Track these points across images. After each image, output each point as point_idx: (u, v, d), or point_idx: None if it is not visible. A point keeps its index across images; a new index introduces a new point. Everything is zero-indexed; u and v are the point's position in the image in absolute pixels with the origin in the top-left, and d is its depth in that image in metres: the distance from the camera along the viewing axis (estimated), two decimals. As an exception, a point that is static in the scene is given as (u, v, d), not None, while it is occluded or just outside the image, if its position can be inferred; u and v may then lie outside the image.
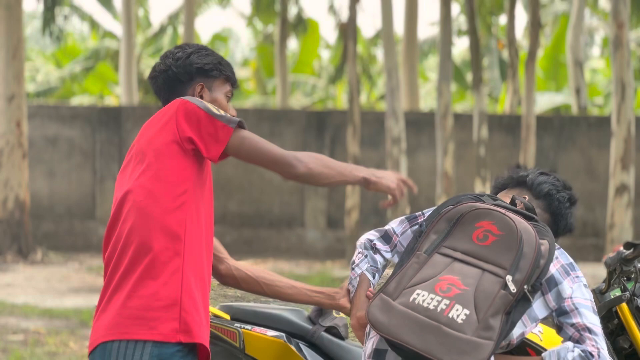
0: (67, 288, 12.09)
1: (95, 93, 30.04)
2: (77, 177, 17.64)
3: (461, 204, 2.96)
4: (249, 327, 3.56)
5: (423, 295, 2.79)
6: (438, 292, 2.78)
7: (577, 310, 2.90)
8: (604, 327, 3.50)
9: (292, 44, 31.79)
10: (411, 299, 2.80)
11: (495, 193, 3.27)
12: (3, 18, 14.89)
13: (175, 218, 2.84)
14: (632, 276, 3.51)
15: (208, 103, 2.90)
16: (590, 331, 2.86)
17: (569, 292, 2.91)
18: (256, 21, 27.86)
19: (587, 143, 17.78)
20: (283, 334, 3.53)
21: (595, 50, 35.12)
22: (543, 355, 2.89)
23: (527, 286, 2.79)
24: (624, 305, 3.47)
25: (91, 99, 29.68)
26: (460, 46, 49.01)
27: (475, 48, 16.83)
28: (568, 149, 17.71)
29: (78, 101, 28.96)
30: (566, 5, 25.74)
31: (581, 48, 22.16)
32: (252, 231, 17.30)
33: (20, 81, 14.98)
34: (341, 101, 31.40)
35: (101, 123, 17.65)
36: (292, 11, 24.01)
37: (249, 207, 17.64)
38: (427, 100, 32.89)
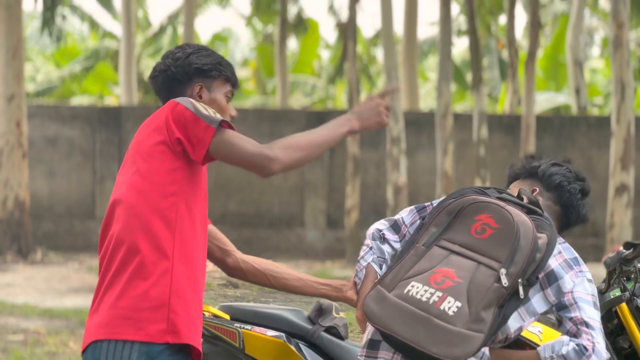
0: (67, 288, 12.08)
1: (95, 93, 30.03)
2: (77, 177, 17.64)
3: (463, 197, 2.95)
4: (249, 327, 3.56)
5: (417, 287, 2.79)
6: (432, 285, 2.78)
7: (577, 304, 2.87)
8: (604, 327, 3.50)
9: (292, 44, 31.78)
10: (405, 291, 2.80)
11: (508, 183, 3.26)
12: (3, 18, 14.88)
13: (165, 219, 2.84)
14: (632, 276, 3.51)
15: (198, 103, 2.88)
16: (587, 325, 2.84)
17: (570, 287, 2.90)
18: (256, 21, 27.86)
19: (587, 143, 17.78)
20: (283, 334, 3.53)
21: (595, 50, 35.12)
22: (538, 349, 2.88)
23: (522, 280, 2.78)
24: (624, 305, 3.46)
25: (91, 99, 29.67)
26: (460, 46, 48.98)
27: (475, 48, 16.83)
28: (568, 149, 17.71)
29: (78, 101, 28.96)
30: (566, 5, 25.74)
31: (581, 48, 22.16)
32: (252, 231, 17.30)
33: (20, 81, 14.98)
34: (341, 101, 31.39)
35: (101, 123, 17.65)
36: (292, 11, 24.00)
37: (249, 207, 17.64)
38: (427, 100, 32.88)
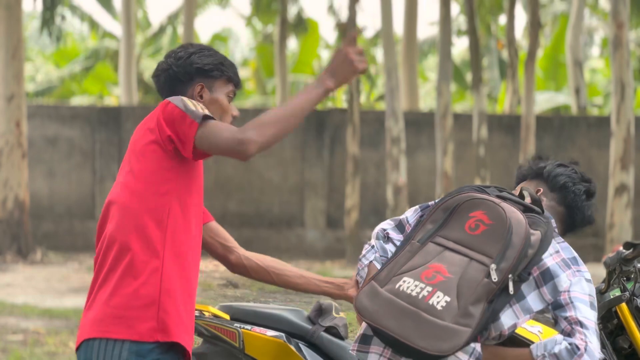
0: (67, 288, 12.07)
1: (94, 93, 30.03)
2: (77, 177, 17.64)
3: (460, 194, 2.96)
4: (249, 327, 3.56)
5: (408, 282, 2.81)
6: (423, 280, 2.79)
7: (572, 303, 2.87)
8: (604, 327, 3.50)
9: (292, 44, 31.77)
10: (397, 286, 2.81)
11: (515, 184, 3.27)
12: (3, 18, 14.88)
13: (156, 218, 2.85)
14: (632, 276, 3.51)
15: (189, 101, 2.88)
16: (581, 325, 2.83)
17: (566, 285, 2.90)
18: (256, 21, 27.85)
19: (587, 143, 17.78)
20: (283, 334, 3.53)
21: (594, 50, 35.13)
22: (531, 347, 2.87)
23: (513, 276, 2.78)
24: (624, 305, 3.46)
25: (90, 99, 29.67)
26: (459, 46, 49.01)
27: (474, 48, 16.83)
28: (567, 149, 17.71)
29: (78, 101, 28.95)
30: (566, 5, 25.74)
31: (581, 48, 22.16)
32: (252, 231, 17.30)
33: (19, 81, 14.97)
34: (340, 101, 31.41)
35: (101, 123, 17.65)
36: (292, 11, 24.00)
37: (249, 207, 17.64)
38: (427, 100, 32.87)
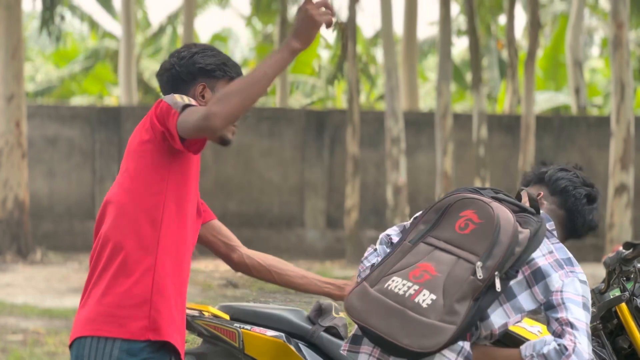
0: (67, 288, 12.07)
1: (94, 93, 30.03)
2: (77, 177, 17.64)
3: (452, 195, 2.99)
4: (249, 327, 3.56)
5: (397, 281, 2.83)
6: (411, 279, 2.82)
7: (564, 304, 2.86)
8: (604, 327, 3.50)
9: (292, 44, 31.71)
10: (385, 286, 2.84)
11: (520, 190, 3.27)
12: (3, 18, 14.88)
13: (149, 216, 2.86)
14: (632, 276, 3.51)
15: (179, 96, 2.88)
16: (572, 326, 2.82)
17: (558, 286, 2.89)
18: (256, 21, 27.85)
19: (587, 143, 17.78)
20: (282, 334, 3.53)
21: (594, 50, 35.11)
22: (520, 347, 2.88)
23: (500, 273, 2.79)
24: (623, 305, 3.46)
25: (90, 99, 29.66)
26: (459, 46, 48.99)
27: (474, 48, 16.83)
28: (567, 149, 17.71)
29: (77, 101, 28.95)
30: (565, 5, 25.74)
31: (580, 48, 22.16)
32: (252, 231, 17.29)
33: (19, 81, 14.97)
34: (340, 101, 31.40)
35: (101, 123, 17.64)
36: (292, 11, 24.00)
37: (249, 207, 17.64)
38: (427, 100, 32.86)
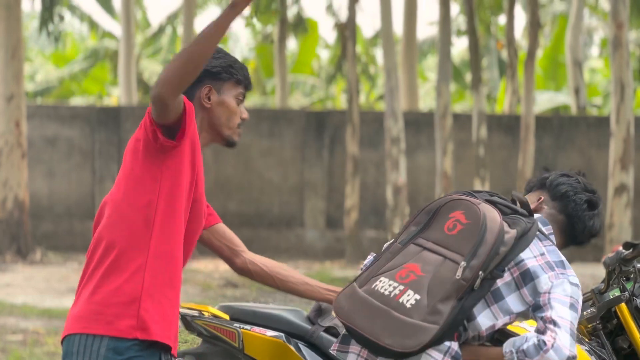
0: (67, 288, 12.06)
1: (94, 93, 30.02)
2: (77, 177, 17.63)
3: (444, 197, 3.01)
4: (248, 327, 3.56)
5: (384, 282, 2.86)
6: (397, 279, 2.84)
7: (550, 304, 2.85)
8: (603, 327, 3.50)
9: (291, 44, 31.77)
10: (373, 286, 2.86)
11: (523, 195, 3.27)
12: (2, 18, 14.87)
13: (142, 215, 2.87)
14: (631, 276, 3.52)
15: None
16: (554, 323, 2.81)
17: (547, 287, 2.88)
18: (255, 21, 27.84)
19: (586, 143, 17.78)
20: (282, 334, 3.53)
21: (594, 50, 35.12)
22: (504, 344, 2.88)
23: (485, 273, 2.79)
24: (623, 305, 3.46)
25: (90, 99, 29.65)
26: (459, 46, 49.01)
27: (474, 48, 16.83)
28: (567, 149, 17.71)
29: (77, 101, 28.95)
30: (565, 5, 25.74)
31: (580, 48, 22.15)
32: (252, 231, 17.29)
33: (19, 81, 14.97)
34: (340, 101, 31.40)
35: (100, 123, 17.64)
36: (292, 11, 23.99)
37: (249, 207, 17.64)
38: (426, 100, 32.86)
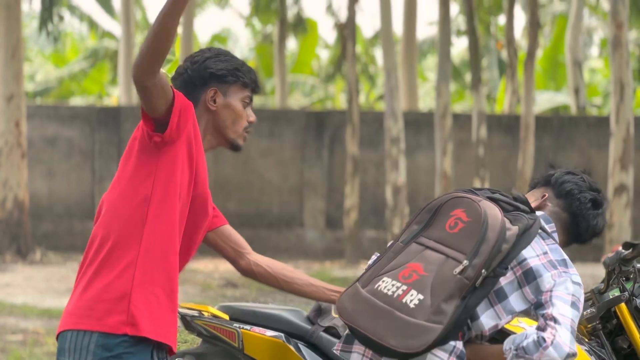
0: (66, 288, 12.06)
1: (94, 93, 30.02)
2: (76, 177, 17.63)
3: (445, 195, 3.00)
4: (248, 327, 3.56)
5: (386, 282, 2.84)
6: (400, 279, 2.82)
7: (551, 301, 2.85)
8: (603, 327, 3.50)
9: (291, 44, 31.77)
10: (375, 286, 2.85)
11: (528, 192, 3.28)
12: (2, 18, 14.87)
13: (135, 212, 2.89)
14: (631, 276, 3.52)
15: None
16: (555, 320, 2.80)
17: (550, 286, 2.88)
18: (255, 21, 27.84)
19: (586, 143, 17.78)
20: (282, 334, 3.53)
21: (594, 50, 35.10)
22: (504, 342, 2.87)
23: (487, 271, 2.78)
24: (623, 305, 3.46)
25: (90, 99, 29.65)
26: (459, 46, 48.96)
27: (474, 48, 16.83)
28: (567, 149, 17.71)
29: (77, 101, 28.94)
30: (565, 5, 25.74)
31: (580, 48, 22.15)
32: (252, 231, 17.29)
33: (19, 81, 14.97)
34: (340, 101, 31.40)
35: (100, 123, 17.64)
36: (291, 11, 23.99)
37: (248, 207, 17.64)
38: (426, 100, 32.86)
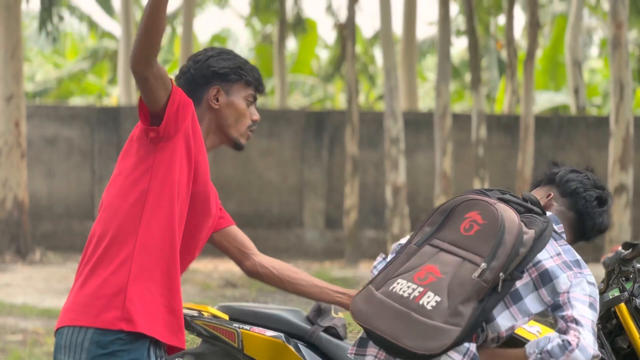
0: (66, 288, 12.05)
1: (93, 93, 30.02)
2: (76, 177, 17.63)
3: (457, 197, 2.99)
4: (248, 327, 3.56)
5: (402, 284, 2.84)
6: (415, 281, 2.82)
7: (570, 303, 2.85)
8: (603, 327, 3.50)
9: (291, 44, 31.77)
10: (390, 288, 2.84)
11: (530, 190, 3.28)
12: (2, 18, 14.86)
13: (132, 208, 2.90)
14: (631, 276, 3.52)
15: None
16: (576, 322, 2.81)
17: (566, 287, 2.88)
18: (255, 21, 27.84)
19: (586, 143, 17.78)
20: (282, 334, 3.53)
21: (593, 50, 35.10)
22: (526, 346, 2.87)
23: (504, 274, 2.78)
24: (623, 305, 3.47)
25: (89, 99, 29.65)
26: (458, 46, 48.97)
27: (473, 48, 16.83)
28: (566, 149, 17.71)
29: (77, 101, 28.94)
30: (565, 5, 25.74)
31: (580, 48, 22.15)
32: (251, 231, 17.26)
33: (18, 81, 14.96)
34: (339, 101, 31.40)
35: (100, 123, 17.64)
36: (291, 11, 23.98)
37: (248, 207, 17.64)
38: (426, 100, 32.86)
